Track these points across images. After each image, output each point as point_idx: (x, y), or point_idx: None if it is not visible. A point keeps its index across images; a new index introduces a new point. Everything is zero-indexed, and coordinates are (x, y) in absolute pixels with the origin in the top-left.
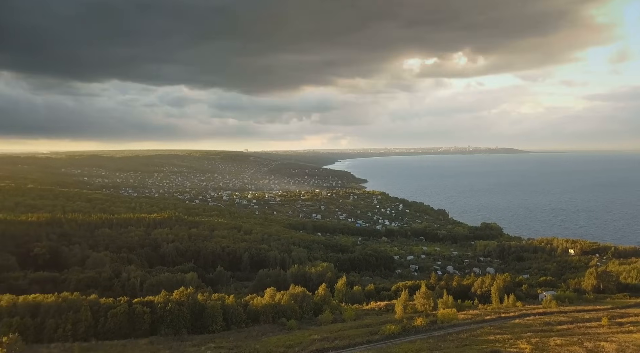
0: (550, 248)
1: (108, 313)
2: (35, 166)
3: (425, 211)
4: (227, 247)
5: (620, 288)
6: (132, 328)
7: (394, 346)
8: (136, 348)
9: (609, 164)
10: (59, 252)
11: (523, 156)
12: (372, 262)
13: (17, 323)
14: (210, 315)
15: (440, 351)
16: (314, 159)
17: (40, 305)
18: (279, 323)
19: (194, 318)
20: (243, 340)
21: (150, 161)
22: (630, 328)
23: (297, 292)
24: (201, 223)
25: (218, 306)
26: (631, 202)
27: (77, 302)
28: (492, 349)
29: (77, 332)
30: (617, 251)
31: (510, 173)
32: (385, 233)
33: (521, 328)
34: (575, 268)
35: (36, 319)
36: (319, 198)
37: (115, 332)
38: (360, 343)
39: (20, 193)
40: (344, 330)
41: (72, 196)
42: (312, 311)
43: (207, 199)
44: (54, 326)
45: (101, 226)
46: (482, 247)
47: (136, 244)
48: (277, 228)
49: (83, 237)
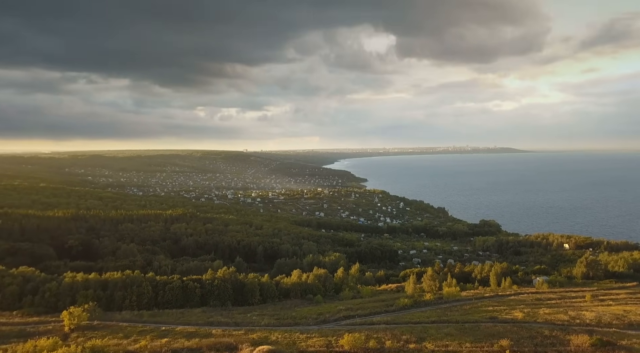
0: (546, 243)
1: (166, 287)
2: (39, 165)
3: (425, 209)
4: (242, 241)
5: (607, 275)
6: (185, 300)
7: (408, 314)
8: (193, 315)
9: (607, 163)
10: (90, 244)
11: (521, 156)
12: (377, 255)
13: (91, 295)
14: (250, 291)
15: (447, 317)
16: (314, 159)
17: (109, 281)
18: (306, 298)
19: (236, 293)
20: (279, 310)
21: (152, 161)
22: (609, 303)
23: (320, 273)
24: (215, 219)
25: (256, 284)
26: (627, 200)
27: (138, 278)
28: (491, 316)
29: (141, 302)
30: (609, 245)
31: (508, 172)
32: (387, 230)
33: (515, 302)
34: (569, 260)
35: (106, 292)
36: (321, 196)
37: (172, 303)
38: (379, 312)
39: (34, 192)
40: (364, 303)
41: (84, 194)
42: (333, 289)
43: (212, 198)
44: (122, 297)
45: (123, 222)
46: (481, 242)
47: (158, 237)
48: (285, 224)
49: (109, 231)
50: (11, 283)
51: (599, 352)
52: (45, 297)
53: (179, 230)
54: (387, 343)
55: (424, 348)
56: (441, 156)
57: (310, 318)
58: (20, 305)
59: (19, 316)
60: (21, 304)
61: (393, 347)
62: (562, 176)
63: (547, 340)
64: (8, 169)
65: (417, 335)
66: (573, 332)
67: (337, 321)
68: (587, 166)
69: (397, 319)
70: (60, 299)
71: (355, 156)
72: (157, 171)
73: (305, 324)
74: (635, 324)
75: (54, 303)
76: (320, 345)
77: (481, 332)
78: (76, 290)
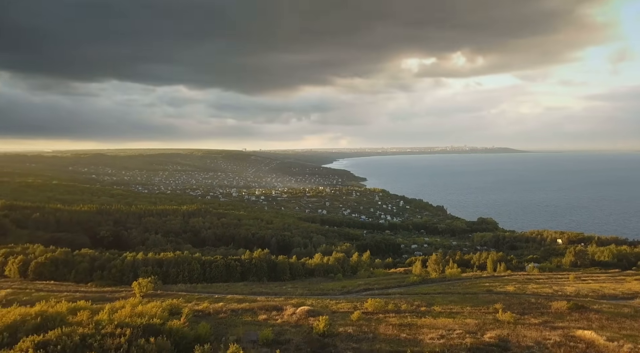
0: (541, 238)
1: (212, 265)
2: (43, 164)
3: (424, 207)
4: (256, 233)
5: (593, 264)
6: (228, 276)
7: (417, 288)
8: (237, 287)
9: (605, 163)
10: (119, 235)
11: (519, 156)
12: (382, 248)
13: (150, 271)
14: (281, 269)
15: (451, 290)
16: (313, 158)
17: (163, 259)
18: (328, 276)
19: (270, 270)
20: (308, 285)
21: (154, 160)
22: (589, 282)
23: (339, 256)
24: (228, 214)
25: (286, 263)
26: (622, 199)
27: (188, 258)
28: (487, 289)
29: (192, 277)
30: (599, 240)
31: (506, 172)
32: (388, 226)
33: (509, 280)
34: (561, 254)
35: (162, 268)
36: (323, 195)
37: (218, 278)
38: (393, 286)
39: (48, 189)
40: (379, 280)
41: (96, 191)
42: (350, 270)
43: (217, 196)
44: (175, 273)
45: (145, 216)
46: (479, 238)
47: (179, 230)
48: (293, 220)
49: (133, 224)
50: (82, 261)
51: (574, 313)
52: (112, 272)
53: (197, 223)
54: (402, 306)
55: (432, 310)
56: (440, 155)
57: (336, 290)
58: (91, 279)
59: (94, 286)
60: (92, 278)
61: (407, 309)
62: (561, 176)
63: (533, 305)
64: (17, 167)
65: (427, 302)
66: (554, 300)
67: (358, 292)
68: (587, 166)
69: (408, 291)
70: (125, 274)
71: (353, 155)
72: (160, 170)
73: (333, 294)
74: (607, 295)
75: (120, 277)
76: (348, 307)
77: (479, 299)
78: (137, 267)
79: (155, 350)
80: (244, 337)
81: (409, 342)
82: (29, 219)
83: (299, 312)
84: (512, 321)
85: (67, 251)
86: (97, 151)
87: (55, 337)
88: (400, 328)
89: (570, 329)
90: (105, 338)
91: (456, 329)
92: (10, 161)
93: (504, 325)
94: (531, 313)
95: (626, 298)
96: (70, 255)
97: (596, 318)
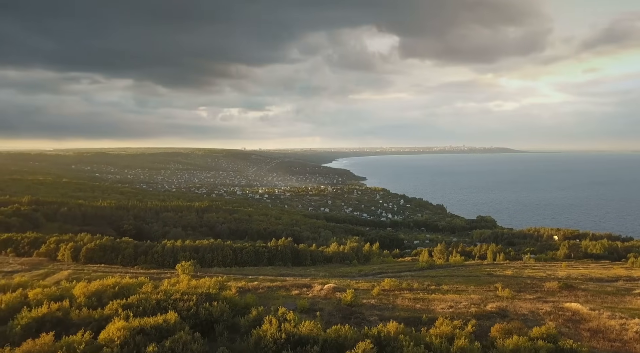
0: (538, 234)
1: (242, 250)
2: (47, 162)
3: (424, 206)
4: (267, 228)
5: (586, 256)
6: (258, 261)
7: (426, 271)
8: (266, 270)
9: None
10: (141, 229)
11: (518, 156)
12: (386, 243)
13: (188, 256)
14: (303, 255)
15: (456, 273)
16: (313, 158)
17: (199, 246)
18: (345, 262)
19: (293, 257)
20: (328, 269)
21: (155, 159)
22: (579, 268)
23: (353, 245)
24: (238, 211)
25: (307, 250)
26: (619, 198)
27: (221, 245)
28: (488, 273)
29: (225, 262)
30: (594, 236)
31: (505, 172)
32: (390, 224)
33: (507, 266)
34: (557, 248)
35: (198, 254)
36: (325, 193)
37: (248, 262)
38: (404, 270)
39: (60, 186)
40: (391, 266)
41: (106, 189)
42: (363, 258)
43: (222, 194)
44: (210, 258)
45: (162, 211)
46: (478, 235)
47: (196, 224)
48: (299, 217)
49: (153, 218)
50: (127, 247)
51: (563, 291)
52: (154, 257)
53: (211, 218)
54: (414, 285)
55: (441, 288)
56: (438, 155)
57: (354, 273)
58: (136, 263)
59: (140, 269)
60: (137, 262)
61: (419, 287)
62: (559, 176)
63: (528, 285)
64: (23, 166)
65: (436, 282)
66: (547, 281)
67: (374, 275)
68: (587, 166)
69: (418, 274)
70: (165, 259)
71: (353, 155)
72: (162, 169)
73: (351, 276)
74: (594, 278)
75: (161, 261)
76: (367, 286)
77: (481, 280)
78: (177, 252)
79: (218, 311)
80: (284, 306)
81: (423, 311)
82: (57, 213)
83: (326, 288)
84: (510, 296)
85: (112, 239)
86: (98, 149)
87: (136, 300)
88: (415, 301)
89: (560, 302)
90: (176, 302)
91: (463, 302)
92: (13, 160)
93: (503, 299)
94: (527, 291)
95: (610, 281)
96: (115, 242)
97: (583, 295)
